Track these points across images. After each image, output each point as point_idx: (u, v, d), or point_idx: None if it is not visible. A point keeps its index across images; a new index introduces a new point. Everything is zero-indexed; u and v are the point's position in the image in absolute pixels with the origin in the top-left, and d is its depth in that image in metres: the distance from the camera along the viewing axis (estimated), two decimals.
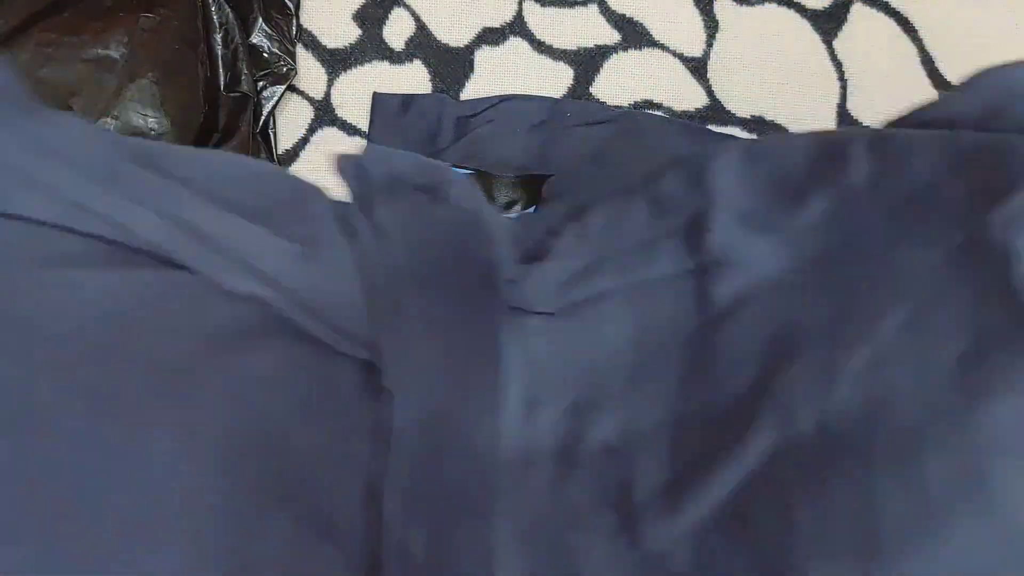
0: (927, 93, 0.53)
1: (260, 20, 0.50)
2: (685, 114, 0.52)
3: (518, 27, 0.52)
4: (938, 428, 0.27)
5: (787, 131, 0.52)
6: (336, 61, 0.52)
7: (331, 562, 0.31)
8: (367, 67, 0.52)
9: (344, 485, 0.33)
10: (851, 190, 0.34)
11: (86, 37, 0.47)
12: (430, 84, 0.52)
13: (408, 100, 0.51)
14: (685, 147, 0.50)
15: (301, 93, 0.51)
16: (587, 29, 0.52)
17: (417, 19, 0.52)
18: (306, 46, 0.51)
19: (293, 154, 0.51)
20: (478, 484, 0.34)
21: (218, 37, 0.49)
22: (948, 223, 0.30)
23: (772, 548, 0.29)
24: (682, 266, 0.35)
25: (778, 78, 0.52)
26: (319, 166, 0.51)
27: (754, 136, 0.52)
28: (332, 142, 0.51)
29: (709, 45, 0.52)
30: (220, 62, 0.49)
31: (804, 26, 0.53)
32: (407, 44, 0.52)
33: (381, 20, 0.52)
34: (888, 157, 0.34)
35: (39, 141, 0.31)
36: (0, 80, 0.31)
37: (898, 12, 0.53)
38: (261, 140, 0.50)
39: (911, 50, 0.53)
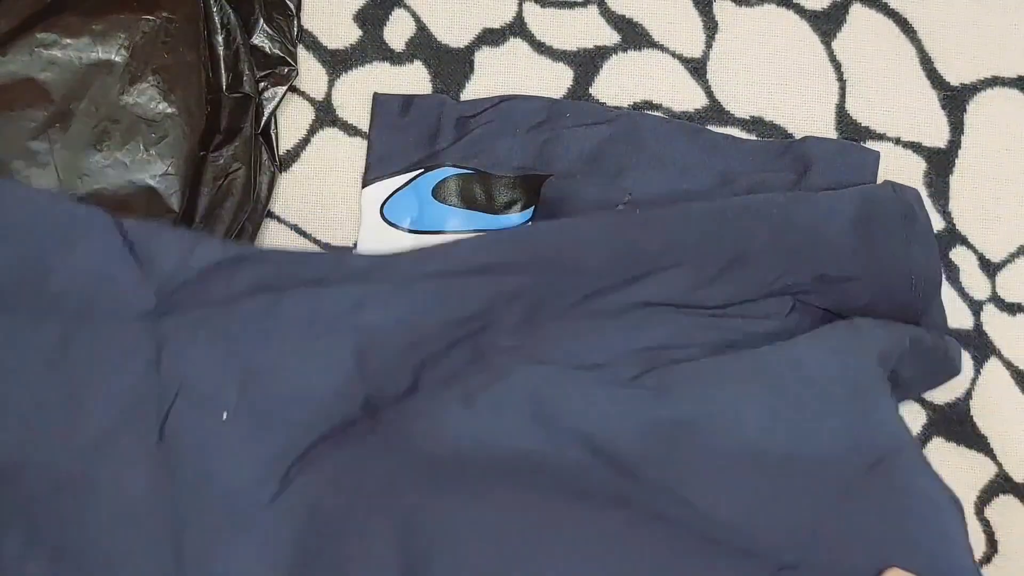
0: (926, 94, 0.53)
1: (261, 21, 0.50)
2: (684, 115, 0.52)
3: (518, 28, 0.52)
4: None
5: (786, 131, 0.52)
6: (337, 62, 0.52)
7: None
8: (368, 68, 0.52)
9: None
10: None
11: (87, 39, 0.47)
12: (430, 85, 0.52)
13: (408, 100, 0.51)
14: (682, 148, 0.50)
15: (302, 94, 0.52)
16: (587, 30, 0.52)
17: (417, 20, 0.52)
18: (307, 47, 0.52)
19: (294, 155, 0.51)
20: None
21: (220, 38, 0.49)
22: None
23: None
24: None
25: (777, 78, 0.53)
26: (320, 167, 0.51)
27: (753, 137, 0.52)
28: (333, 143, 0.52)
29: (708, 46, 0.53)
30: (222, 63, 0.49)
31: (803, 27, 0.53)
32: (407, 45, 0.52)
33: (382, 21, 0.52)
34: None
35: None
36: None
37: (897, 13, 0.53)
38: (263, 141, 0.50)
39: (910, 50, 0.53)
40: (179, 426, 0.40)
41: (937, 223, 0.52)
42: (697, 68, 0.52)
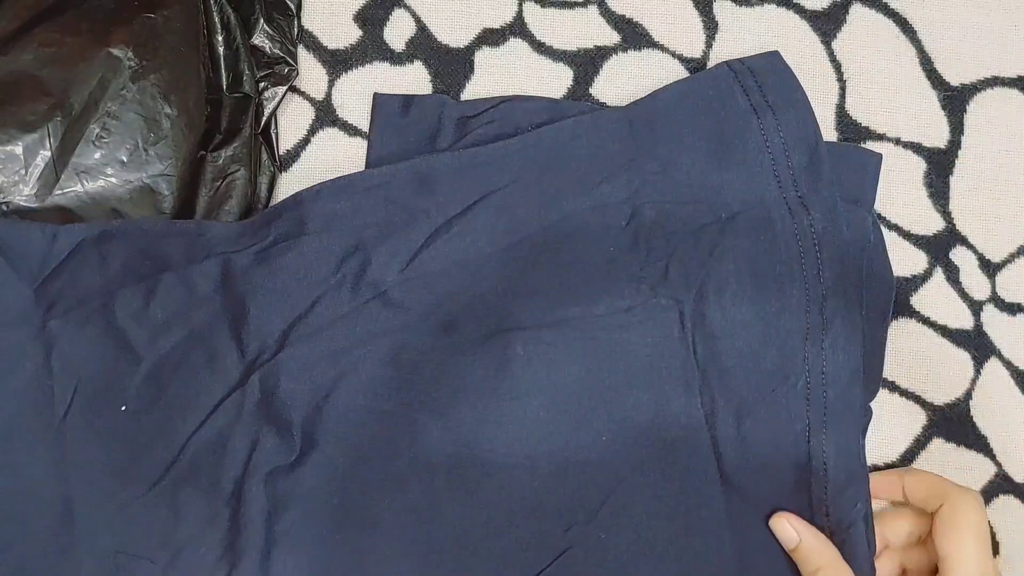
0: (926, 94, 0.53)
1: (261, 21, 0.50)
2: None
3: (518, 28, 0.52)
4: None
5: None
6: (337, 62, 0.52)
7: None
8: (368, 68, 0.52)
9: None
10: None
11: (89, 38, 0.47)
12: (430, 85, 0.52)
13: (409, 101, 0.51)
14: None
15: (302, 94, 0.52)
16: (587, 30, 0.52)
17: (418, 20, 0.52)
18: (307, 47, 0.52)
19: (294, 155, 0.51)
20: None
21: (220, 38, 0.49)
22: None
23: None
24: None
25: None
26: (320, 167, 0.51)
27: None
28: (333, 143, 0.51)
29: (708, 46, 0.53)
30: (222, 63, 0.49)
31: (803, 27, 0.53)
32: (407, 45, 0.52)
33: (382, 21, 0.52)
34: None
35: None
36: None
37: (897, 13, 0.53)
38: (263, 141, 0.50)
39: (910, 51, 0.53)
40: (80, 421, 0.43)
41: (937, 223, 0.52)
42: (697, 68, 0.52)
